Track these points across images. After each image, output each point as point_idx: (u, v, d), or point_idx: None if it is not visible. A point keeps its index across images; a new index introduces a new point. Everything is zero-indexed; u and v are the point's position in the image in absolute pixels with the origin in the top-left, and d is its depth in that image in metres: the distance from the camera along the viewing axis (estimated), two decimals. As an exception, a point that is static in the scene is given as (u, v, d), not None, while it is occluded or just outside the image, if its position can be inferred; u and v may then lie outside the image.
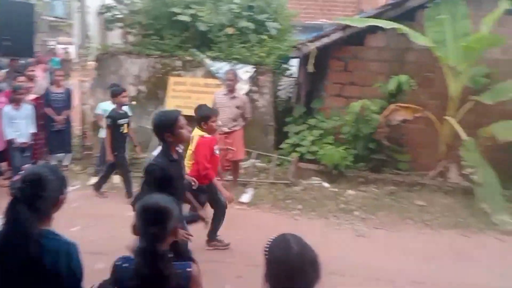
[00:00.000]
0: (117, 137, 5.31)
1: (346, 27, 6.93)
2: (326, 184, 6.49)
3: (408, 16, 7.04)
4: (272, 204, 5.81)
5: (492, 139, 6.09)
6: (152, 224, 1.60)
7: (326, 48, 7.33)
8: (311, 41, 7.16)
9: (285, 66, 8.85)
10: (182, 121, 2.71)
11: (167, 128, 2.68)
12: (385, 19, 6.63)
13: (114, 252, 1.77)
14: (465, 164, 6.05)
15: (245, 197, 5.80)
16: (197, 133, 4.05)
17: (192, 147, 4.09)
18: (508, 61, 6.98)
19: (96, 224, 4.71)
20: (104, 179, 5.70)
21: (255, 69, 7.22)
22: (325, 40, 7.10)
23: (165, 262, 1.55)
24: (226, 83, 5.81)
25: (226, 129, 5.75)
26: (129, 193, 5.49)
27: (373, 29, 6.99)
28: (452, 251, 4.83)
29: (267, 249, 1.50)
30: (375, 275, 4.08)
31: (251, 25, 7.34)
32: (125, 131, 5.41)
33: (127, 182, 5.55)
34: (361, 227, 5.34)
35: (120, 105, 5.39)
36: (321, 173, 6.69)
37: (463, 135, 6.20)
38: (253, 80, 7.27)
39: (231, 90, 5.77)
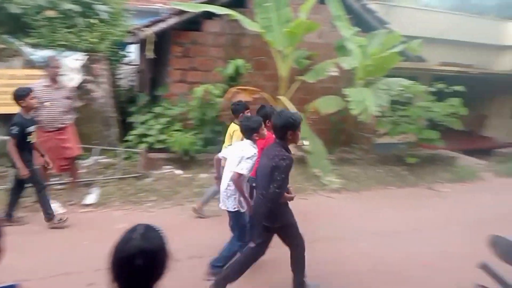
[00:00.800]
0: (26, 148, 4.34)
1: (181, 12, 6.90)
2: (178, 171, 6.48)
3: (240, 3, 7.46)
4: (122, 200, 5.48)
5: (316, 112, 7.07)
6: None
7: (165, 33, 7.18)
8: (147, 26, 6.89)
9: (122, 52, 8.32)
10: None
11: (294, 127, 3.03)
12: (219, 5, 6.86)
13: None
14: (298, 137, 6.86)
15: (90, 198, 5.31)
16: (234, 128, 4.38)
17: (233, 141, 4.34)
18: (323, 44, 8.14)
19: None
20: (14, 202, 4.57)
21: (87, 56, 6.56)
22: (162, 25, 6.93)
23: None
24: (49, 72, 5.03)
25: (59, 125, 5.09)
26: (48, 213, 4.50)
27: (210, 15, 7.15)
28: (296, 214, 5.39)
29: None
30: (231, 250, 4.31)
31: (76, 8, 6.56)
32: (33, 140, 4.45)
33: (43, 200, 4.54)
34: (217, 207, 5.53)
35: (28, 109, 4.35)
36: (172, 160, 6.64)
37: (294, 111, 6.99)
38: (87, 69, 6.60)
39: (55, 80, 5.06)
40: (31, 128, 4.39)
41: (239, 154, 3.45)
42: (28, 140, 4.37)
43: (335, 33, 7.68)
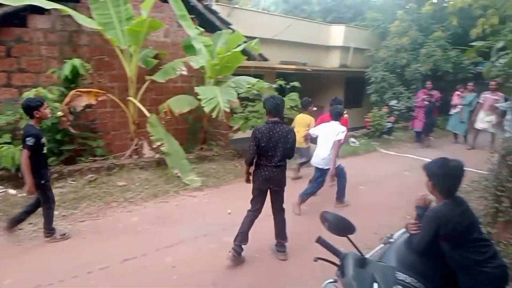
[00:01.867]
0: (41, 160, 4.26)
1: (-3, 4, 5.85)
2: (12, 191, 5.53)
3: (73, -3, 6.75)
4: None
5: (170, 112, 6.95)
6: None
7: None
8: (-50, 20, 5.63)
9: None
10: None
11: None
12: (46, -1, 6.06)
13: None
14: (153, 139, 6.64)
15: None
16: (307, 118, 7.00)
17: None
18: (170, 43, 8.06)
19: None
20: (25, 214, 4.52)
21: None
22: (-29, 20, 5.76)
23: None
24: None
25: None
26: (49, 230, 4.48)
27: (37, 9, 6.26)
28: (158, 218, 5.26)
29: None
30: (86, 269, 3.89)
31: None
32: (45, 151, 4.38)
33: (49, 217, 4.47)
34: (64, 225, 4.92)
35: (39, 120, 4.28)
36: (3, 179, 5.62)
37: (146, 112, 6.73)
38: None
39: None
40: (43, 140, 4.31)
41: (335, 130, 5.28)
42: (43, 151, 4.30)
43: (182, 32, 7.67)
